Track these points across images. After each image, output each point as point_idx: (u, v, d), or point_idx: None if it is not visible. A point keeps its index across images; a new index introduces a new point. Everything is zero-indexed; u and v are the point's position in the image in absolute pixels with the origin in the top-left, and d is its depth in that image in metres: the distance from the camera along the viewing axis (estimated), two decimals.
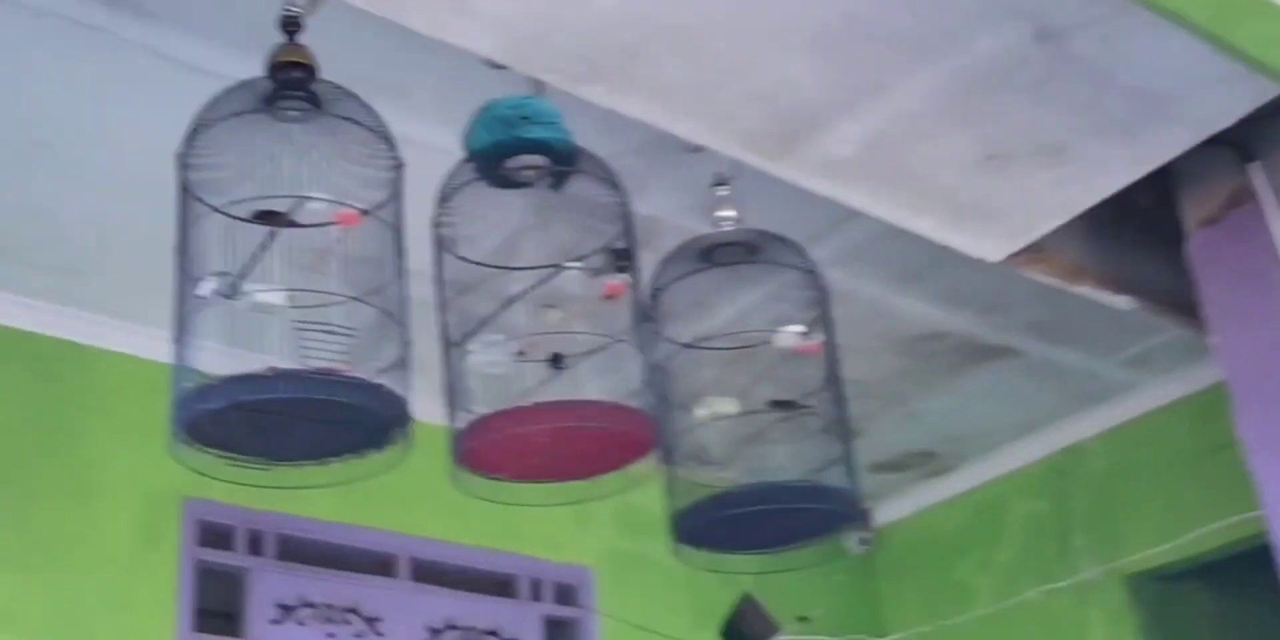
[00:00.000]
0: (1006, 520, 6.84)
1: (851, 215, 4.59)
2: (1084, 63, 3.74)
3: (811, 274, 4.15)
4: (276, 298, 3.28)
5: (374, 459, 3.36)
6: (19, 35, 3.99)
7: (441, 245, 3.71)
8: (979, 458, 6.89)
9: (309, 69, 3.42)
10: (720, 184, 4.19)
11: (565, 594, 6.12)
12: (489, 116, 3.65)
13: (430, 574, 5.78)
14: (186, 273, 3.36)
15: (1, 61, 4.08)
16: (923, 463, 6.93)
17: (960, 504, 7.05)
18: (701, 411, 4.09)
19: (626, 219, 3.77)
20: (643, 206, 3.97)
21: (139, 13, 3.94)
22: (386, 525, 5.65)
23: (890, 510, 7.24)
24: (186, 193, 3.40)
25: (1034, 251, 4.50)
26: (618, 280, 3.67)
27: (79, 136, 4.40)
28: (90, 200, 4.68)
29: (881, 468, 6.76)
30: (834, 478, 4.09)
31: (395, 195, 3.46)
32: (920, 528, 7.19)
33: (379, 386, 3.25)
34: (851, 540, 6.60)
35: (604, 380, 3.67)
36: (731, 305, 4.18)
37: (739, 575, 5.75)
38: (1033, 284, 4.72)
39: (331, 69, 3.46)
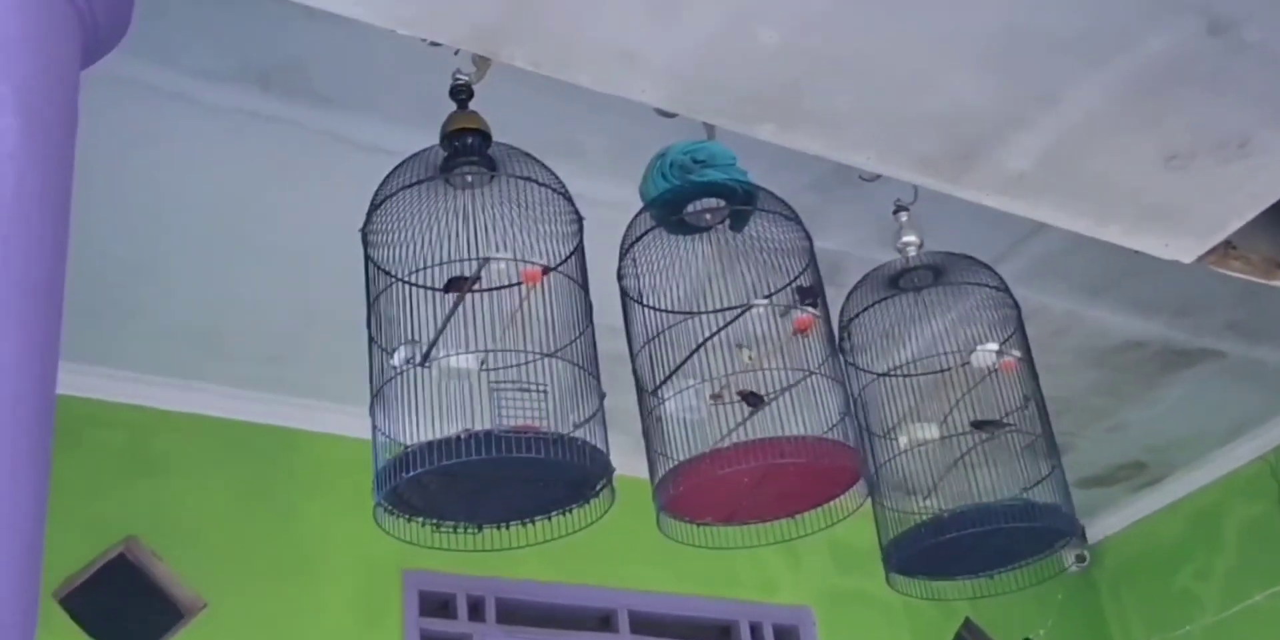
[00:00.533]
0: (1224, 525, 6.72)
1: (1034, 230, 4.55)
2: (1260, 52, 3.65)
3: (1000, 290, 4.11)
4: (468, 362, 3.29)
5: (579, 514, 3.36)
6: (203, 133, 4.09)
7: (627, 296, 3.71)
8: (1189, 465, 6.77)
9: (483, 133, 3.46)
10: (900, 210, 4.17)
11: (786, 635, 6.09)
12: (664, 163, 3.65)
13: (650, 625, 5.78)
14: (379, 345, 3.40)
15: (190, 160, 4.20)
16: (1132, 475, 6.83)
17: (1175, 513, 6.93)
18: (903, 439, 4.05)
19: (809, 254, 3.74)
20: (823, 241, 3.95)
21: (315, 100, 4.02)
22: (602, 581, 5.67)
23: (1104, 525, 7.13)
24: (372, 266, 3.45)
25: (1226, 249, 4.41)
26: (807, 314, 3.64)
27: (271, 226, 4.50)
28: (286, 287, 4.78)
29: (1091, 483, 6.66)
30: (1044, 495, 4.03)
31: (577, 250, 3.48)
32: (1137, 540, 7.07)
33: (574, 440, 3.25)
34: (1068, 558, 6.51)
35: (802, 416, 3.63)
36: (922, 331, 4.13)
37: (957, 602, 5.71)
38: (1225, 283, 4.62)
39: (503, 134, 3.50)
